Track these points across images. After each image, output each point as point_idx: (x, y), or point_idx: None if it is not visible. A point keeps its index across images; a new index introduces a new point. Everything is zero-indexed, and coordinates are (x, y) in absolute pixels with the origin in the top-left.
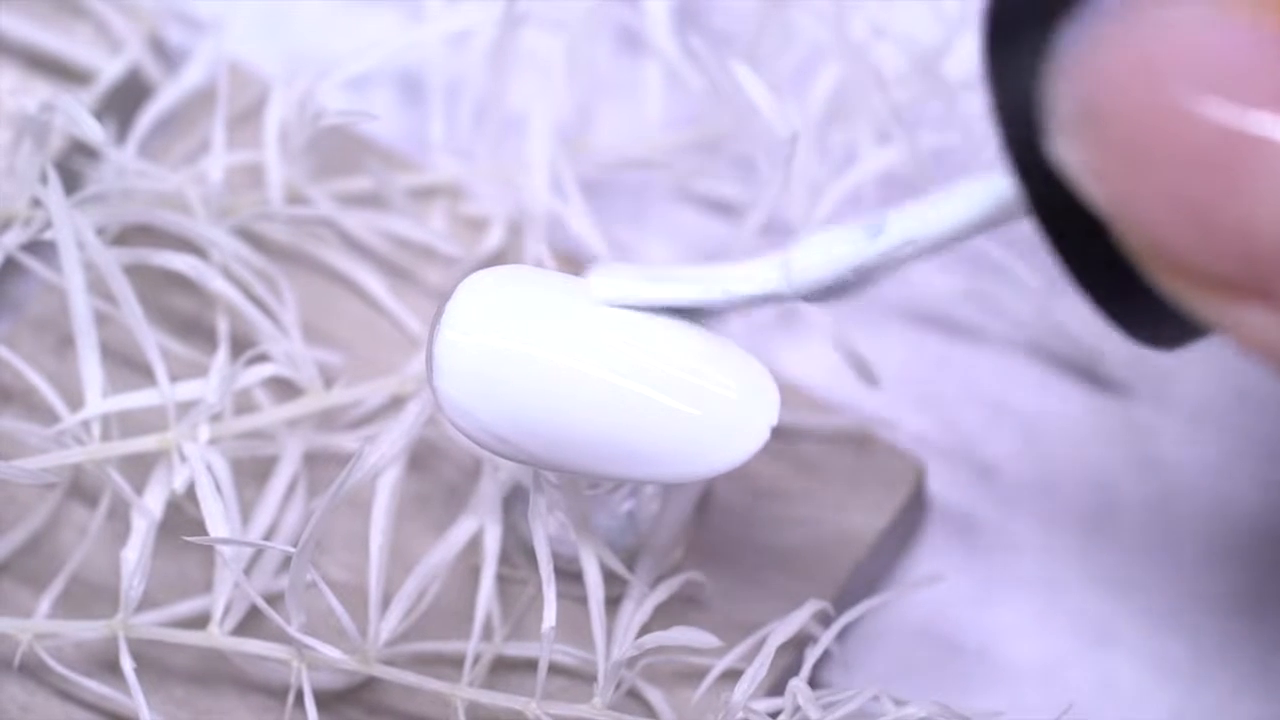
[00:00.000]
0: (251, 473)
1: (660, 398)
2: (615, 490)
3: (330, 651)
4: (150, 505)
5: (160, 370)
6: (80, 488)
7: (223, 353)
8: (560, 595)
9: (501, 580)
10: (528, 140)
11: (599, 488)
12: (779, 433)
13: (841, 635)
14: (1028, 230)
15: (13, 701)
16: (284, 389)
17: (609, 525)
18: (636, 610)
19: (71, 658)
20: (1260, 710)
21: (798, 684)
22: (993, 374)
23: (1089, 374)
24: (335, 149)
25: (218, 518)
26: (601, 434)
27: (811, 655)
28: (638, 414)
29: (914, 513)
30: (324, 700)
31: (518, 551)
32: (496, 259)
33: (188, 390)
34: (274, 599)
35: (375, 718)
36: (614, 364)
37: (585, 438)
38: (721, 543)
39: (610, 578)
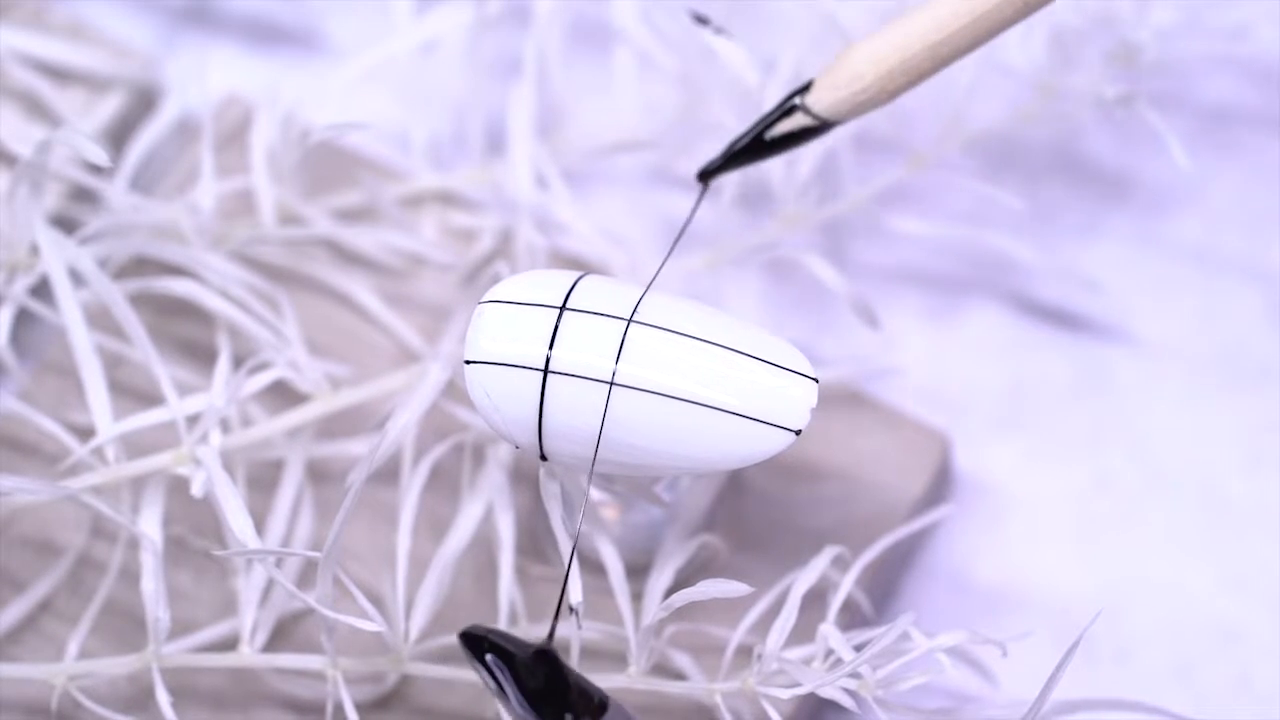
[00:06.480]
0: (255, 485)
1: (699, 394)
2: (653, 483)
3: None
4: (146, 529)
5: (167, 385)
6: (104, 529)
7: (224, 362)
8: (591, 589)
9: (539, 580)
10: (509, 139)
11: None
12: None
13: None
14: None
15: None
16: (283, 403)
17: (642, 520)
18: (659, 576)
19: (105, 694)
20: None
21: (827, 628)
22: (1009, 341)
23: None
24: (321, 164)
25: (240, 517)
26: (639, 436)
27: (836, 600)
28: (674, 415)
29: (942, 483)
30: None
31: (553, 548)
32: (489, 262)
33: (195, 404)
34: (294, 616)
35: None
36: (649, 365)
37: (622, 440)
38: (761, 528)
39: (639, 574)
